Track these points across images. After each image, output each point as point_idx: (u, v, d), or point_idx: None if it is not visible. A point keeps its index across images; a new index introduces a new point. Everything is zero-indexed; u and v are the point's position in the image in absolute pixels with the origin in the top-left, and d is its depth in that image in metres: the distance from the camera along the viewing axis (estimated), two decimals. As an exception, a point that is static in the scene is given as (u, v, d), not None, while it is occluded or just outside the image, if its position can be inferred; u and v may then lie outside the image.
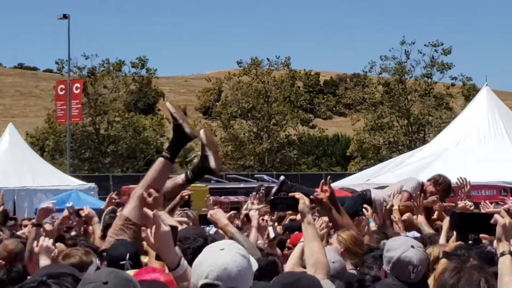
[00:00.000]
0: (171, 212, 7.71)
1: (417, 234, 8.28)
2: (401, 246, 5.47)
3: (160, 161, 6.63)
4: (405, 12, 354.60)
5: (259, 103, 68.18)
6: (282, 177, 9.20)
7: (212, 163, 6.49)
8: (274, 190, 8.67)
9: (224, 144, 67.47)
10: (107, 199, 10.97)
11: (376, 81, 71.48)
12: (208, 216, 6.06)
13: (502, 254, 4.02)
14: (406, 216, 9.08)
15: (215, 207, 9.65)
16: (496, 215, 4.16)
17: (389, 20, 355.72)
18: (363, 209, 9.09)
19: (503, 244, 4.06)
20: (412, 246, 5.47)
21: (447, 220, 7.97)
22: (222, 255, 4.04)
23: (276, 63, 70.36)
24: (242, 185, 38.63)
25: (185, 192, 8.52)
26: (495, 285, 3.50)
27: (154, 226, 4.34)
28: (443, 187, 10.41)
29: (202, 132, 6.65)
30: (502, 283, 3.84)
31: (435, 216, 9.55)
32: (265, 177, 41.63)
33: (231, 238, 6.03)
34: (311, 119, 76.63)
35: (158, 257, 4.52)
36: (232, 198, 34.04)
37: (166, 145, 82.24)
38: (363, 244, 7.23)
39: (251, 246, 6.23)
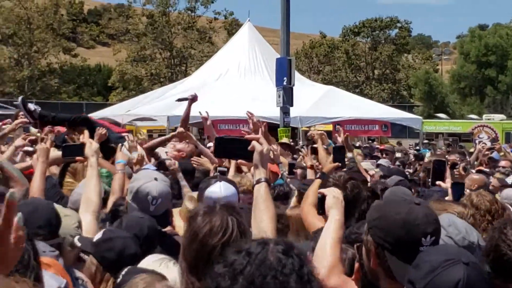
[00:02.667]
0: None
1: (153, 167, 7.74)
2: (144, 178, 5.24)
3: None
4: None
5: (21, 29, 66.30)
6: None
7: None
8: None
9: (-17, 70, 65.51)
10: None
11: (140, 12, 71.59)
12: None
13: (258, 181, 4.03)
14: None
15: None
16: (254, 142, 4.09)
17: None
18: None
19: (260, 171, 4.05)
20: (155, 179, 5.24)
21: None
22: None
23: (40, -11, 68.71)
24: (0, 112, 38.04)
25: None
26: (245, 223, 3.48)
27: None
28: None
29: None
30: (256, 211, 3.91)
31: None
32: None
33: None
34: (73, 48, 75.59)
35: None
36: (-10, 125, 33.40)
37: None
38: None
39: (20, 175, 6.39)
